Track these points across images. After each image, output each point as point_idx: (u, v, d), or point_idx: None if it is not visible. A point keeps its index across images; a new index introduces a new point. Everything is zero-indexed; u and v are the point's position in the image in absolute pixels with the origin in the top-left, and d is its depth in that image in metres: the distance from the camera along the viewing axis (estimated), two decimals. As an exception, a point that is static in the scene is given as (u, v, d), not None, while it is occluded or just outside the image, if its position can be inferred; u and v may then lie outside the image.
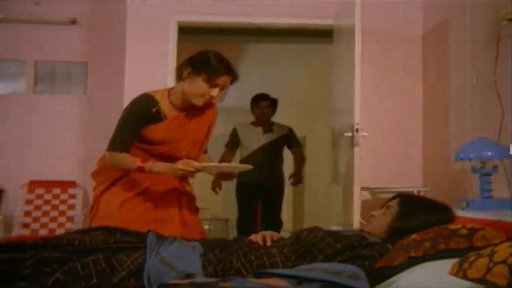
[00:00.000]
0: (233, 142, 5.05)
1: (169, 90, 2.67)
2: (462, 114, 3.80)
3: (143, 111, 2.57)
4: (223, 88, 2.61)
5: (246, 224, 4.97)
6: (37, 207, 4.74)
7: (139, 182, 2.65)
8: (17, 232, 4.59)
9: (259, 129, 5.00)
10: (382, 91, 4.61)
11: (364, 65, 3.81)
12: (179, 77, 2.61)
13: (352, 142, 3.66)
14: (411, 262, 1.66)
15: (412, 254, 1.69)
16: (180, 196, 2.74)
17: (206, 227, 8.85)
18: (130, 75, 4.57)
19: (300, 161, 5.11)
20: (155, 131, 2.59)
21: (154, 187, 2.68)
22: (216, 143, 3.74)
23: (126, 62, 4.57)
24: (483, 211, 2.67)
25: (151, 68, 4.60)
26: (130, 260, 1.71)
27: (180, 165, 2.46)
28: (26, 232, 4.61)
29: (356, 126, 3.64)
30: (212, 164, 2.67)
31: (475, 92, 3.62)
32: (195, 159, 2.65)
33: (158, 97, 2.61)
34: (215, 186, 4.73)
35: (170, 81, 4.58)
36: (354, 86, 3.70)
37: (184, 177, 2.72)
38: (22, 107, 5.10)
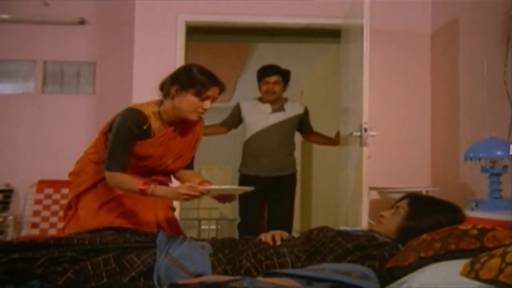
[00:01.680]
0: (232, 120, 4.19)
1: (159, 106, 2.60)
2: (471, 114, 3.78)
3: (135, 128, 2.51)
4: (214, 100, 2.57)
5: (249, 230, 3.84)
6: (46, 207, 4.77)
7: None
8: (26, 231, 4.61)
9: (267, 107, 4.09)
10: (391, 91, 4.60)
11: (372, 64, 3.80)
12: (166, 94, 2.56)
13: (360, 142, 3.65)
14: (422, 263, 1.66)
15: (423, 254, 1.68)
16: (159, 201, 2.70)
17: (213, 227, 8.86)
18: (138, 75, 4.58)
19: (319, 137, 4.33)
20: (141, 148, 2.55)
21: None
22: (224, 143, 3.75)
23: (134, 62, 4.59)
24: (493, 212, 2.66)
25: (159, 68, 4.59)
26: (140, 260, 1.71)
27: (184, 189, 2.41)
28: (35, 231, 4.63)
29: (364, 126, 3.63)
30: (217, 187, 2.56)
31: (485, 92, 3.60)
32: (176, 171, 2.70)
33: (148, 113, 2.56)
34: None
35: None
36: (363, 86, 3.69)
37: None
38: (31, 107, 5.12)
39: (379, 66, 4.35)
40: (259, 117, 4.04)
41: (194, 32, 4.82)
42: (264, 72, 4.09)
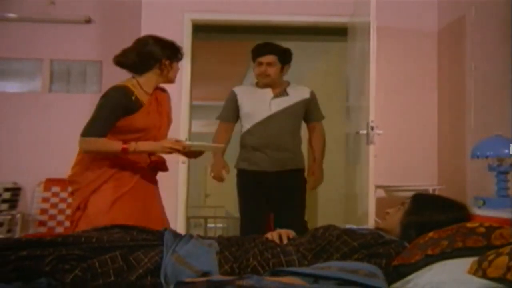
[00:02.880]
0: (231, 111, 3.62)
1: (137, 81, 2.73)
2: (478, 112, 3.77)
3: (122, 99, 2.63)
4: None
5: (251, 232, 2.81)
6: (53, 205, 4.79)
7: (129, 179, 2.66)
8: (34, 229, 4.65)
9: (267, 92, 3.52)
10: (397, 89, 4.59)
11: (378, 62, 3.80)
12: (148, 69, 2.72)
13: (367, 140, 3.65)
14: (428, 260, 1.65)
15: (429, 252, 1.68)
16: (158, 192, 2.83)
17: (220, 225, 8.88)
18: (145, 73, 4.58)
19: (319, 145, 3.62)
20: (137, 119, 2.63)
21: (142, 182, 2.71)
22: (235, 141, 3.70)
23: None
24: (500, 210, 2.66)
25: (165, 66, 4.61)
26: (147, 258, 1.72)
27: (168, 143, 2.59)
28: (42, 229, 4.66)
29: (371, 124, 3.63)
30: (198, 143, 2.76)
31: (491, 89, 3.59)
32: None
33: (130, 86, 2.69)
34: (220, 170, 3.54)
35: (185, 80, 4.61)
36: (369, 84, 3.69)
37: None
38: (38, 105, 5.15)
39: (385, 64, 4.35)
40: (260, 105, 3.49)
41: (200, 30, 4.83)
42: (257, 51, 3.52)
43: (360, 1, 4.08)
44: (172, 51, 2.77)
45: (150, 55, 2.72)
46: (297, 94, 3.53)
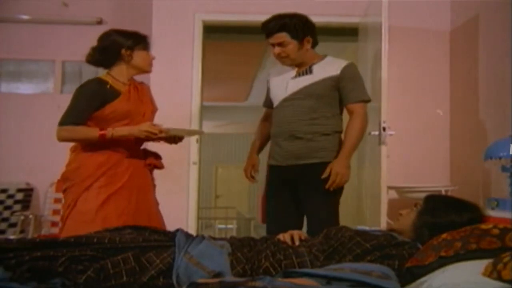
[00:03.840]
0: (267, 95, 3.15)
1: (110, 74, 2.79)
2: (491, 112, 3.74)
3: (97, 87, 2.70)
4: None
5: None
6: (66, 206, 4.81)
7: (121, 176, 2.69)
8: (46, 230, 4.67)
9: (291, 71, 2.98)
10: (409, 89, 4.57)
11: (390, 63, 3.78)
12: (113, 61, 2.77)
13: (379, 141, 3.63)
14: (442, 262, 1.64)
15: (443, 253, 1.66)
16: (151, 187, 2.84)
17: (230, 226, 8.88)
18: (156, 74, 4.53)
19: (351, 132, 2.87)
20: (118, 106, 2.68)
21: (135, 179, 2.73)
22: (240, 142, 3.71)
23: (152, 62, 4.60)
24: (514, 211, 2.63)
25: (176, 67, 4.63)
26: (159, 259, 1.72)
27: (146, 127, 2.61)
28: (55, 230, 4.67)
29: (383, 125, 3.61)
30: (175, 128, 2.79)
31: (504, 90, 3.56)
32: None
33: (104, 77, 2.76)
34: (247, 168, 3.13)
35: (196, 80, 4.62)
36: (381, 84, 3.67)
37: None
38: (51, 106, 5.16)
39: (397, 65, 4.33)
40: (278, 87, 2.99)
41: (211, 31, 4.83)
42: (265, 31, 2.96)
43: (372, 1, 4.06)
44: (133, 40, 2.77)
45: (110, 48, 2.77)
46: (323, 70, 2.89)
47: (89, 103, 2.65)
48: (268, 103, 3.13)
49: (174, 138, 2.82)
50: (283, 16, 2.94)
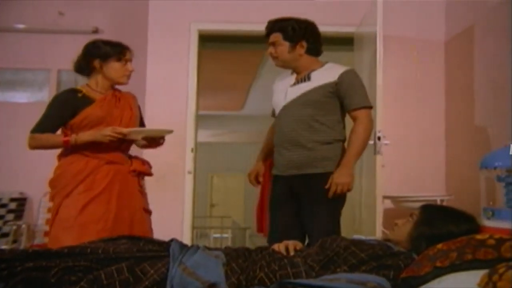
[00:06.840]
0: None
1: (87, 84, 2.85)
2: (486, 122, 3.75)
3: (68, 96, 2.76)
4: (131, 60, 2.90)
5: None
6: (60, 215, 4.78)
7: (100, 182, 2.71)
8: (39, 240, 4.63)
9: (290, 79, 2.98)
10: (404, 99, 4.58)
11: (386, 72, 3.79)
12: (89, 71, 2.83)
13: (374, 150, 3.63)
14: (437, 272, 1.63)
15: (438, 264, 1.66)
16: (137, 193, 2.83)
17: (226, 235, 8.86)
18: (152, 83, 4.60)
19: (353, 138, 2.80)
20: (92, 111, 2.72)
21: (115, 185, 2.73)
22: (236, 151, 3.71)
23: (148, 71, 4.61)
24: (509, 221, 2.63)
25: (172, 76, 4.63)
26: (153, 269, 1.71)
27: (108, 131, 2.63)
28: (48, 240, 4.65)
29: (378, 134, 3.61)
30: (137, 129, 2.83)
31: (500, 99, 3.57)
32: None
33: (79, 87, 2.82)
34: (250, 176, 3.11)
35: (192, 89, 4.62)
36: (376, 94, 3.68)
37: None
38: (46, 115, 5.16)
39: (392, 74, 4.33)
40: (278, 95, 2.98)
41: (207, 40, 4.84)
42: (265, 30, 3.03)
43: (367, 11, 4.08)
44: (107, 52, 2.80)
45: (83, 58, 2.83)
46: (321, 77, 2.84)
47: (59, 112, 2.72)
48: (272, 111, 3.09)
49: (153, 140, 2.85)
50: (285, 18, 2.96)
